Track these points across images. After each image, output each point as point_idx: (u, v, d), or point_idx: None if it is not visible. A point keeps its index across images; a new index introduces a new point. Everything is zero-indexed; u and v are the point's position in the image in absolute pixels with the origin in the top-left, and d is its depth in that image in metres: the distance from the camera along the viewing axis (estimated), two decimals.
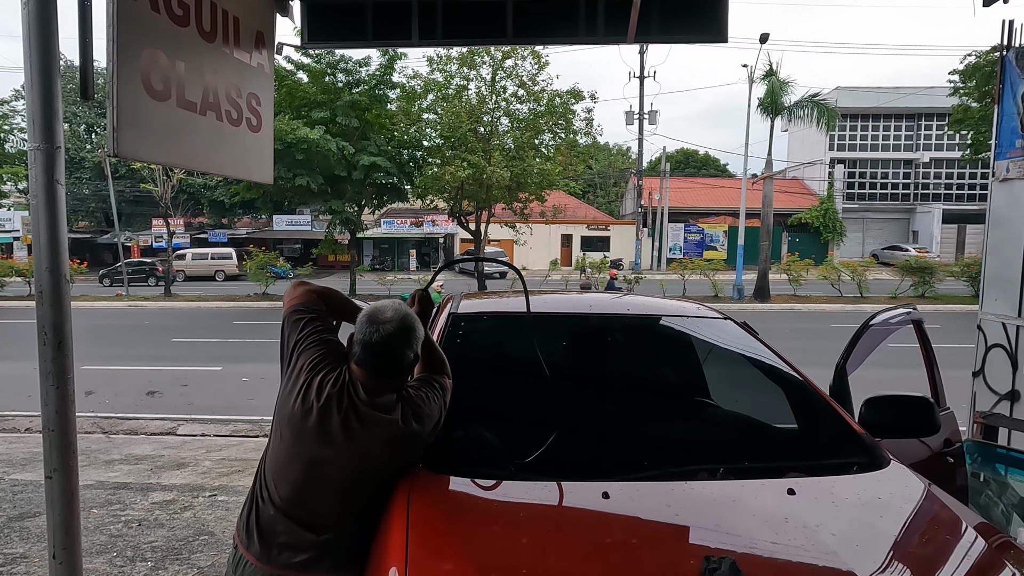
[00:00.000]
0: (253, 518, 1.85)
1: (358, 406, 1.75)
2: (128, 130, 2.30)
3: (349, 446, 1.74)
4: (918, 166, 40.91)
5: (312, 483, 1.77)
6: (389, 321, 1.78)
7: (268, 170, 3.32)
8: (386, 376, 1.80)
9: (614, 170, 55.16)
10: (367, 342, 1.78)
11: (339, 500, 1.78)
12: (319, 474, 1.76)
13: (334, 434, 1.74)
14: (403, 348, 1.79)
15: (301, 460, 1.77)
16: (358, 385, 1.78)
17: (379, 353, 1.78)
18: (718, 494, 1.80)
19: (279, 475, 1.82)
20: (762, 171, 24.35)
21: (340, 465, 1.75)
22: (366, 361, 1.79)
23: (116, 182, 28.97)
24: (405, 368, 1.83)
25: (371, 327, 1.78)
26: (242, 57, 3.08)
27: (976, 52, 21.65)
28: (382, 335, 1.77)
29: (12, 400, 8.66)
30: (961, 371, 4.82)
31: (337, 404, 1.75)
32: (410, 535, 1.56)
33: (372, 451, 1.76)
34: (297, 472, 1.78)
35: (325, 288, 2.12)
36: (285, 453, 1.80)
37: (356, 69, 21.96)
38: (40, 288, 2.46)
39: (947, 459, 3.03)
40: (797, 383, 2.41)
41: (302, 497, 1.78)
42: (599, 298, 3.48)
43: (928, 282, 22.13)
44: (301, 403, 1.77)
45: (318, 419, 1.74)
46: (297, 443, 1.78)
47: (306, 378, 1.80)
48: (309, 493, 1.77)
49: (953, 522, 1.77)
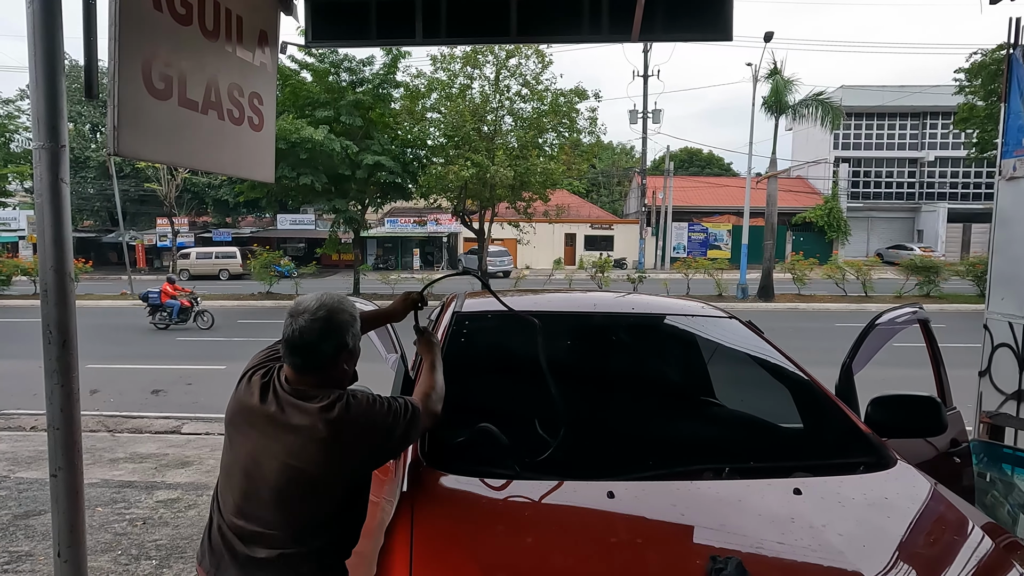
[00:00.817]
0: (206, 539, 1.80)
1: (279, 394, 1.70)
2: (129, 129, 2.30)
3: (276, 444, 1.65)
4: (923, 165, 40.75)
5: (250, 486, 1.68)
6: (303, 314, 1.70)
7: (269, 169, 3.32)
8: (307, 372, 1.70)
9: (618, 169, 55.10)
10: (284, 338, 1.72)
11: (278, 507, 1.66)
12: (254, 474, 1.67)
13: (259, 425, 1.68)
14: (317, 342, 1.68)
15: (239, 462, 1.71)
16: (287, 383, 1.72)
17: (293, 348, 1.70)
18: (724, 494, 1.79)
19: (224, 485, 1.77)
20: (766, 170, 24.28)
21: (269, 461, 1.66)
22: (287, 357, 1.73)
23: (121, 181, 29.07)
24: (326, 361, 1.71)
25: (288, 320, 1.71)
26: (245, 56, 3.08)
27: (982, 50, 21.57)
28: (294, 329, 1.69)
29: (18, 398, 8.69)
30: (967, 370, 4.80)
31: (261, 394, 1.71)
32: (415, 532, 1.56)
33: (295, 447, 1.64)
34: (237, 476, 1.71)
35: None
36: (227, 459, 1.76)
37: (360, 68, 21.97)
38: (45, 287, 2.46)
39: (954, 459, 3.02)
40: (803, 382, 2.40)
41: (244, 505, 1.69)
42: (603, 297, 3.47)
43: (933, 281, 22.06)
44: (234, 401, 1.76)
45: (247, 412, 1.71)
46: (232, 444, 1.74)
47: (243, 379, 1.78)
48: (249, 499, 1.68)
49: (960, 522, 1.76)
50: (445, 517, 1.67)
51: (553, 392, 2.23)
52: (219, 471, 1.82)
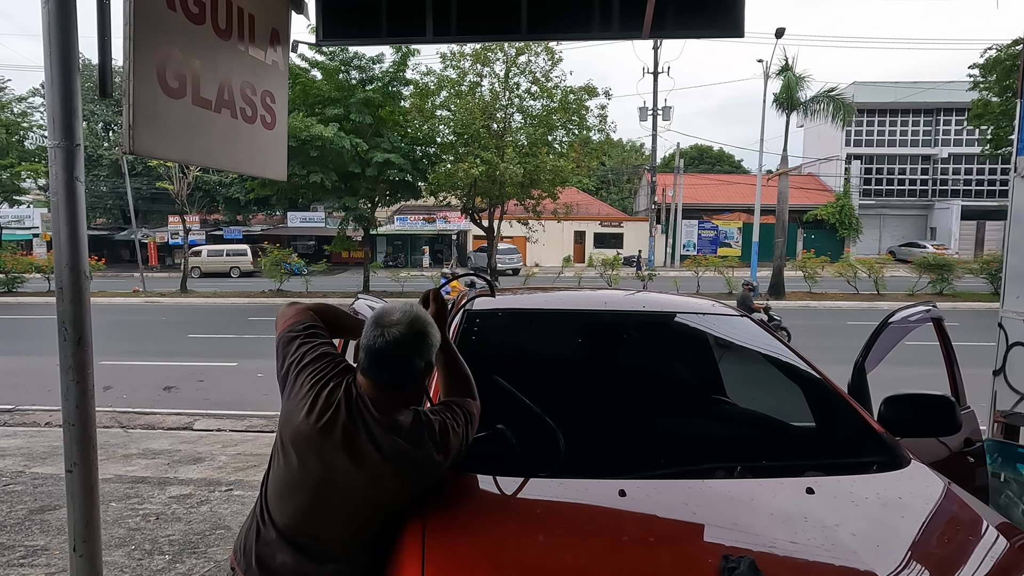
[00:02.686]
0: (252, 542, 1.71)
1: (371, 426, 1.60)
2: (144, 127, 2.31)
3: (359, 470, 1.58)
4: (936, 162, 40.38)
5: (319, 509, 1.62)
6: (397, 324, 1.61)
7: (282, 167, 3.34)
8: (394, 388, 1.64)
9: (627, 166, 54.95)
10: (371, 347, 1.61)
11: (346, 529, 1.63)
12: (326, 499, 1.61)
13: (344, 455, 1.58)
14: (411, 355, 1.61)
15: (307, 483, 1.62)
16: (367, 400, 1.63)
17: (385, 360, 1.60)
18: (736, 492, 1.78)
19: (283, 498, 1.68)
20: (777, 167, 24.14)
21: (349, 490, 1.60)
22: (372, 370, 1.63)
23: (133, 179, 29.28)
24: (415, 378, 1.66)
25: (376, 331, 1.61)
26: (257, 54, 3.09)
27: (997, 45, 21.33)
28: (388, 340, 1.59)
29: (33, 394, 8.78)
30: (981, 369, 4.75)
31: (349, 421, 1.60)
32: (427, 530, 1.57)
33: (383, 477, 1.59)
34: (303, 496, 1.63)
35: (321, 304, 1.99)
36: (290, 475, 1.65)
37: (369, 66, 22.01)
38: (60, 284, 2.48)
39: (968, 459, 2.99)
40: (815, 381, 2.39)
41: (307, 524, 1.64)
42: (613, 295, 3.47)
43: (946, 279, 21.87)
44: (307, 419, 1.61)
45: (327, 437, 1.59)
46: (303, 464, 1.63)
47: (311, 393, 1.64)
48: (315, 520, 1.63)
49: (975, 522, 1.75)
50: (457, 515, 1.68)
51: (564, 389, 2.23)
52: (270, 479, 1.74)
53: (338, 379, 1.66)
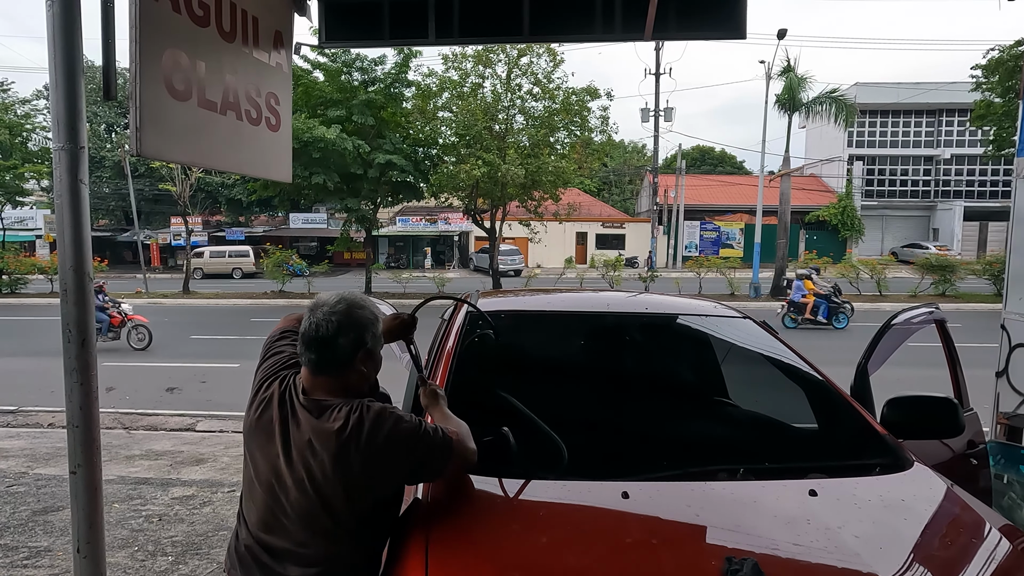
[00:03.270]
0: (234, 543, 1.75)
1: (295, 407, 1.61)
2: (151, 130, 2.32)
3: (293, 456, 1.58)
4: (939, 162, 40.33)
5: (274, 502, 1.62)
6: (322, 306, 1.63)
7: (287, 168, 3.35)
8: (325, 372, 1.62)
9: (629, 167, 54.95)
10: (302, 333, 1.64)
11: (304, 524, 1.59)
12: (276, 490, 1.61)
13: (278, 442, 1.61)
14: (336, 335, 1.59)
15: (261, 478, 1.64)
16: (300, 385, 1.65)
17: (308, 343, 1.61)
18: (739, 494, 1.78)
19: (247, 499, 1.71)
20: (779, 168, 24.13)
21: (288, 476, 1.59)
22: (303, 355, 1.64)
23: (135, 181, 29.34)
24: (343, 361, 1.62)
25: (307, 317, 1.64)
26: (261, 57, 3.11)
27: (999, 46, 21.31)
28: (311, 322, 1.61)
29: (36, 395, 8.80)
30: (983, 371, 4.75)
31: (279, 407, 1.63)
32: (430, 531, 1.57)
33: (311, 463, 1.56)
34: (260, 493, 1.65)
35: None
36: (249, 474, 1.69)
37: (371, 68, 22.05)
38: (64, 286, 2.49)
39: (971, 460, 2.99)
40: (818, 383, 2.39)
41: (268, 522, 1.63)
42: (616, 296, 3.47)
43: (949, 280, 21.83)
44: (247, 416, 1.69)
45: (264, 426, 1.63)
46: (253, 460, 1.66)
47: (254, 390, 1.71)
48: (273, 517, 1.62)
49: (978, 524, 1.75)
50: (460, 516, 1.68)
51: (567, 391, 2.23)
52: (243, 482, 1.77)
53: (282, 374, 1.71)
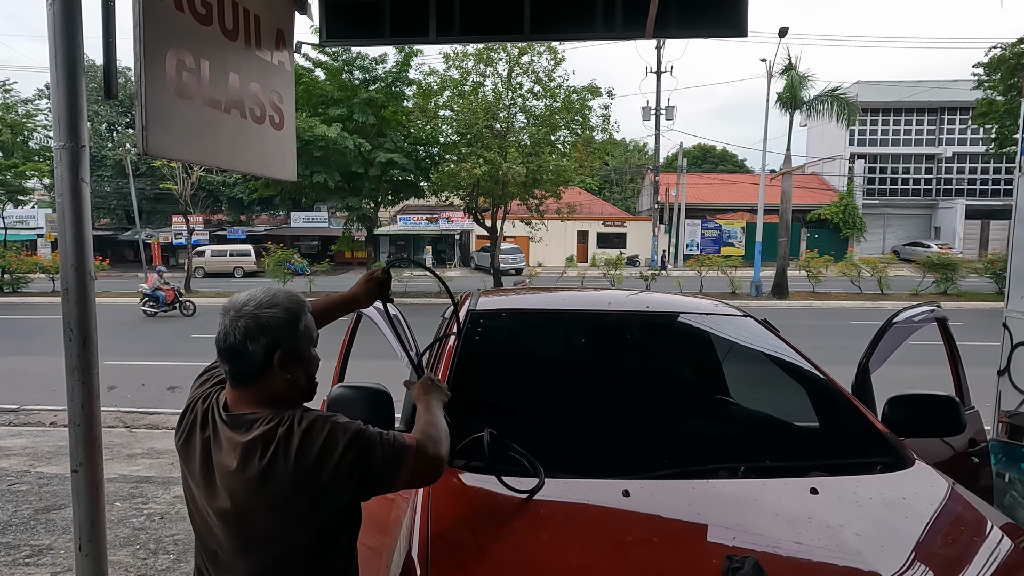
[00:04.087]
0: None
1: (217, 423, 1.44)
2: (156, 128, 2.32)
3: (217, 483, 1.41)
4: (940, 161, 40.27)
5: (210, 539, 1.47)
6: (229, 311, 1.43)
7: (291, 167, 3.35)
8: (241, 383, 1.44)
9: (630, 166, 54.95)
10: (215, 342, 1.46)
11: (242, 556, 1.42)
12: (211, 526, 1.45)
13: (198, 469, 1.44)
14: (246, 342, 1.40)
15: (194, 505, 1.49)
16: (223, 401, 1.48)
17: (220, 352, 1.44)
18: (740, 493, 1.78)
19: (196, 535, 1.54)
20: (781, 167, 24.11)
21: (214, 503, 1.42)
22: (221, 367, 1.49)
23: (137, 180, 29.37)
24: (257, 369, 1.42)
25: (220, 321, 1.46)
26: (264, 55, 3.11)
27: (1001, 44, 21.28)
28: (220, 329, 1.43)
29: (38, 394, 8.81)
30: (985, 369, 4.75)
31: (201, 428, 1.46)
32: (431, 530, 1.57)
33: (234, 486, 1.38)
34: (198, 521, 1.50)
35: None
36: (190, 508, 1.53)
37: (373, 66, 22.07)
38: (66, 285, 2.50)
39: (972, 459, 2.99)
40: (819, 381, 2.39)
41: (214, 559, 1.48)
42: (616, 295, 3.47)
43: (951, 279, 21.81)
44: (177, 442, 1.51)
45: (188, 448, 1.47)
46: (189, 491, 1.50)
47: (182, 412, 1.54)
48: (215, 554, 1.47)
49: (979, 522, 1.75)
50: (461, 514, 1.68)
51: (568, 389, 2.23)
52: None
53: (209, 391, 1.53)
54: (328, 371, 3.63)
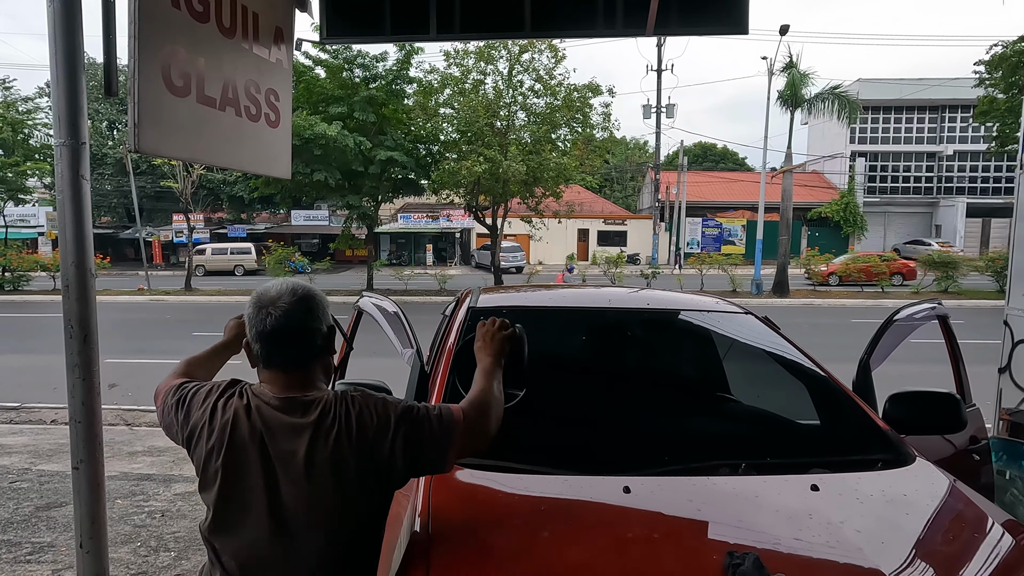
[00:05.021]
0: None
1: (265, 414, 1.41)
2: (149, 126, 2.32)
3: (278, 467, 1.39)
4: (941, 159, 40.22)
5: (259, 527, 1.40)
6: (280, 296, 1.45)
7: (286, 165, 3.34)
8: (298, 366, 1.46)
9: (631, 164, 54.92)
10: (264, 330, 1.43)
11: (292, 547, 1.39)
12: (261, 513, 1.39)
13: (255, 461, 1.39)
14: (308, 321, 1.45)
15: (237, 501, 1.41)
16: (266, 392, 1.45)
17: (280, 338, 1.43)
18: (740, 489, 1.78)
19: (222, 529, 1.44)
20: (782, 165, 24.09)
21: (275, 494, 1.39)
22: (274, 355, 1.45)
23: (137, 178, 29.35)
24: (318, 350, 1.48)
25: (263, 313, 1.44)
26: (261, 52, 3.10)
27: (1003, 42, 21.23)
28: (279, 315, 1.43)
29: (38, 392, 8.82)
30: (985, 367, 4.74)
31: (247, 425, 1.40)
32: (432, 524, 1.57)
33: (298, 472, 1.37)
34: (246, 530, 1.41)
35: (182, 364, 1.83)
36: (221, 501, 1.42)
37: (373, 64, 22.03)
38: (67, 282, 2.49)
39: (973, 456, 2.98)
40: (820, 378, 2.39)
41: (257, 548, 1.40)
42: (617, 292, 3.46)
43: (951, 277, 21.80)
44: (205, 447, 1.44)
45: (236, 453, 1.40)
46: (227, 495, 1.41)
47: (196, 424, 1.47)
48: (260, 542, 1.40)
49: (980, 519, 1.75)
50: (462, 511, 1.68)
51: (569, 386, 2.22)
52: (208, 514, 1.47)
53: (229, 392, 1.50)
54: None
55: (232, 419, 1.43)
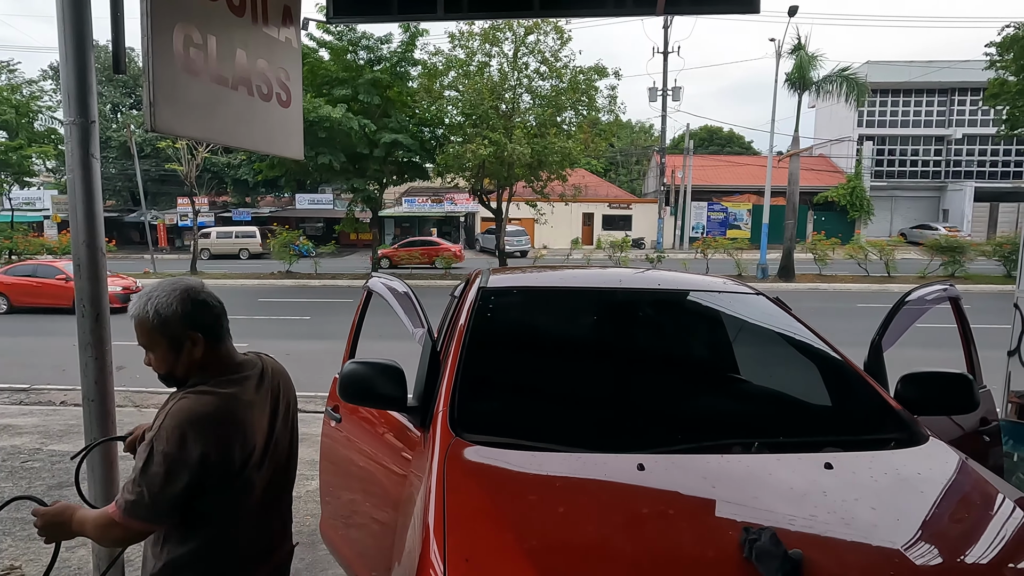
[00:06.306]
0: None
1: (275, 369, 1.85)
2: (164, 105, 2.30)
3: (277, 424, 1.80)
4: (950, 143, 39.86)
5: (277, 487, 1.81)
6: (195, 285, 1.69)
7: (298, 145, 3.32)
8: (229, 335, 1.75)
9: (636, 147, 54.60)
10: (217, 313, 1.69)
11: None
12: (283, 466, 1.83)
13: (268, 422, 1.75)
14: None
15: (264, 467, 1.72)
16: (222, 360, 1.71)
17: (223, 315, 1.72)
18: (754, 467, 1.78)
19: (251, 528, 1.72)
20: (788, 148, 23.91)
21: (284, 449, 1.82)
22: (224, 329, 1.71)
23: (142, 161, 29.34)
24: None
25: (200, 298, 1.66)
26: (271, 32, 3.07)
27: (1015, 23, 20.95)
28: (208, 298, 1.69)
29: (48, 373, 8.88)
30: (993, 351, 4.72)
31: (271, 397, 1.78)
32: (447, 504, 1.58)
33: (280, 417, 1.81)
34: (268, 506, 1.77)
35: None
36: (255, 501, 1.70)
37: (377, 46, 21.89)
38: (78, 261, 2.50)
39: (983, 438, 2.98)
40: (832, 359, 2.38)
41: (271, 520, 1.81)
42: (627, 273, 3.45)
43: (959, 261, 21.67)
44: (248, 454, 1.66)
45: (246, 426, 1.66)
46: (253, 469, 1.68)
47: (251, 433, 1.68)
48: (274, 508, 1.82)
49: (992, 496, 1.75)
50: (477, 488, 1.69)
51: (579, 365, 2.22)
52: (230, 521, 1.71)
53: (225, 403, 1.64)
54: (338, 351, 3.64)
55: (237, 409, 1.65)
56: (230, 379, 1.66)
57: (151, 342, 1.64)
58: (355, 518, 2.89)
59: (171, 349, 1.63)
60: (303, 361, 10.43)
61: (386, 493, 2.39)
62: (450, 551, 1.43)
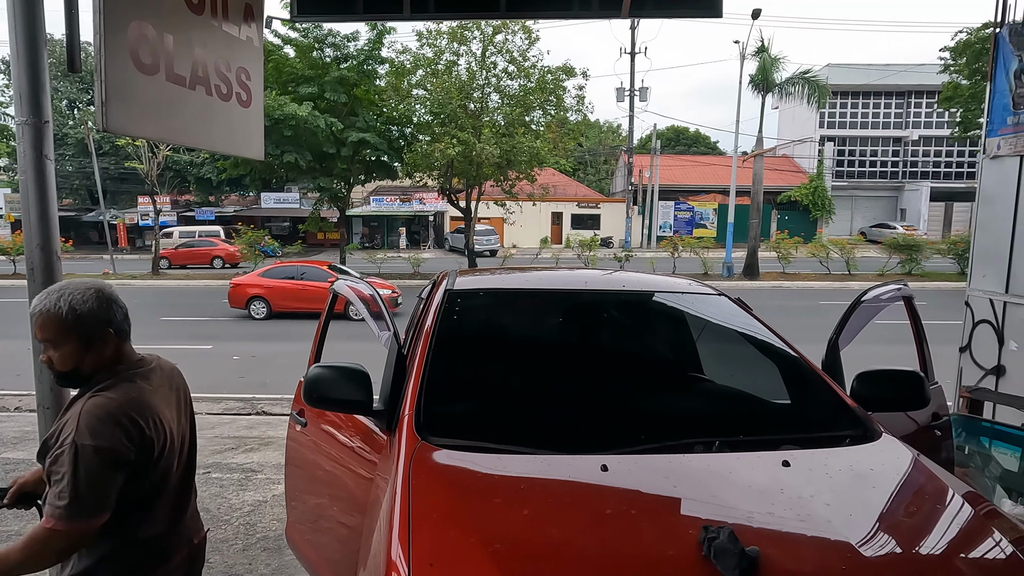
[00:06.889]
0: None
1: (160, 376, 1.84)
2: (117, 104, 2.26)
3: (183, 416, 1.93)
4: (907, 144, 41.02)
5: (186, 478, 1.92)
6: (104, 288, 1.72)
7: (259, 145, 3.28)
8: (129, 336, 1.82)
9: (604, 147, 54.97)
10: (126, 313, 1.76)
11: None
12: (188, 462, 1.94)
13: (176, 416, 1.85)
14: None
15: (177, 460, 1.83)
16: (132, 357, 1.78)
17: (127, 319, 1.78)
18: (715, 466, 1.82)
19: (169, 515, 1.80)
20: (752, 149, 24.34)
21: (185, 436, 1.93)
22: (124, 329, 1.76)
23: (100, 159, 28.57)
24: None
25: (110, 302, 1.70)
26: (231, 30, 3.03)
27: (967, 29, 21.64)
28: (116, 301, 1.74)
29: (2, 378, 8.60)
30: (946, 347, 4.89)
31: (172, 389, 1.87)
32: (412, 505, 1.58)
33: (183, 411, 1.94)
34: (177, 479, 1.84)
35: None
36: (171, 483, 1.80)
37: (344, 44, 21.66)
38: (31, 265, 2.44)
39: (935, 432, 3.09)
40: (791, 358, 2.44)
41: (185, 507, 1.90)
42: (592, 274, 3.49)
43: (915, 259, 22.36)
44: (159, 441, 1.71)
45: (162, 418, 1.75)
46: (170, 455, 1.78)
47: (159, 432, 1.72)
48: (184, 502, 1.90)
49: (942, 491, 1.81)
50: (442, 491, 1.69)
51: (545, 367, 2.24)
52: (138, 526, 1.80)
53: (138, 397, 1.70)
54: (305, 353, 3.60)
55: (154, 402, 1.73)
56: (137, 372, 1.72)
57: (59, 338, 1.62)
58: (321, 523, 2.87)
59: (81, 346, 1.64)
60: (271, 363, 10.31)
61: (352, 497, 2.38)
62: (415, 555, 1.43)
